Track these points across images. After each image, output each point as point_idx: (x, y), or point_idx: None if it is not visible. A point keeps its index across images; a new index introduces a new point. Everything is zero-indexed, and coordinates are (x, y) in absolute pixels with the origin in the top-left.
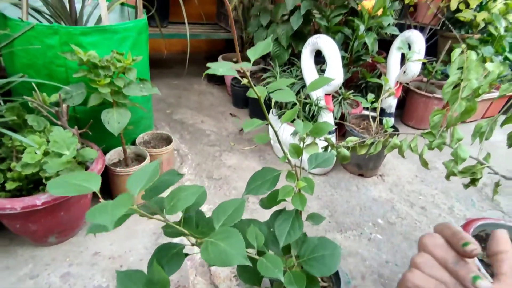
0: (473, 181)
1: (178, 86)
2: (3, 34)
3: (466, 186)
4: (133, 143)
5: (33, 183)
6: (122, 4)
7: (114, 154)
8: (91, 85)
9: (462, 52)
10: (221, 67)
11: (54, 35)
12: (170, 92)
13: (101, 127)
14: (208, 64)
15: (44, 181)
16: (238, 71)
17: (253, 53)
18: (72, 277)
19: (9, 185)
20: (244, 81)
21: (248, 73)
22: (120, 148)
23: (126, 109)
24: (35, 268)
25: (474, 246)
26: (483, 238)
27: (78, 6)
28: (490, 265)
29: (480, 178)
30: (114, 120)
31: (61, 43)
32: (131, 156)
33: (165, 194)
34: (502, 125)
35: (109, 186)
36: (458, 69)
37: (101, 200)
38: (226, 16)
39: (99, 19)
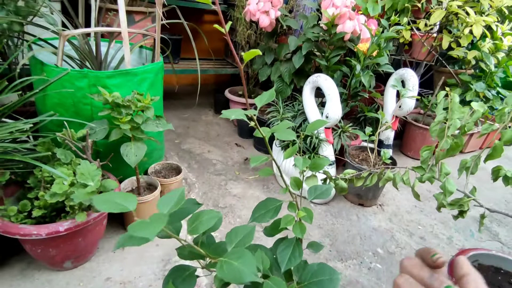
0: (461, 213)
1: (187, 117)
2: (40, 79)
3: (456, 217)
4: (145, 173)
5: (55, 211)
6: (141, 46)
7: (128, 183)
8: (114, 122)
9: (447, 95)
10: (233, 113)
11: (83, 78)
12: (179, 122)
13: (117, 159)
14: (223, 111)
15: (67, 209)
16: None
17: (260, 101)
18: None
19: (36, 213)
20: (252, 123)
21: (255, 117)
22: (133, 177)
23: (143, 143)
24: None
25: (440, 255)
26: (477, 268)
27: (103, 49)
28: None
29: (467, 210)
30: (132, 153)
31: (89, 85)
32: (143, 185)
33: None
34: (485, 161)
35: (122, 214)
36: (443, 109)
37: (136, 219)
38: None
39: (121, 60)
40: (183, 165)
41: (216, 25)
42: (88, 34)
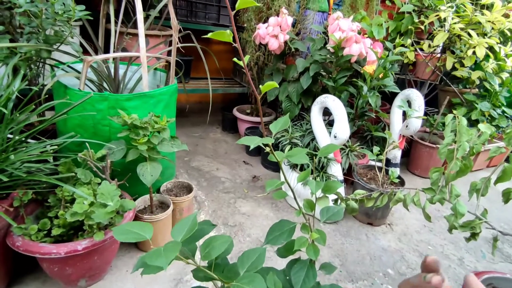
0: (474, 235)
1: (195, 135)
2: (63, 102)
3: (468, 240)
4: (158, 191)
5: (73, 229)
6: (155, 68)
7: (141, 202)
8: (131, 143)
9: (454, 117)
10: (251, 142)
11: (104, 101)
12: (188, 140)
13: (133, 177)
14: (239, 140)
15: (85, 227)
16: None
17: (274, 127)
18: None
19: (55, 231)
20: (267, 149)
21: (271, 144)
22: (146, 196)
23: (158, 163)
24: None
25: (431, 274)
26: None
27: (120, 71)
28: None
29: (480, 232)
30: (148, 173)
31: (108, 107)
32: (155, 203)
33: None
34: (495, 183)
35: None
36: (451, 131)
37: (152, 247)
38: (241, 72)
39: (137, 82)
40: (192, 182)
41: (235, 59)
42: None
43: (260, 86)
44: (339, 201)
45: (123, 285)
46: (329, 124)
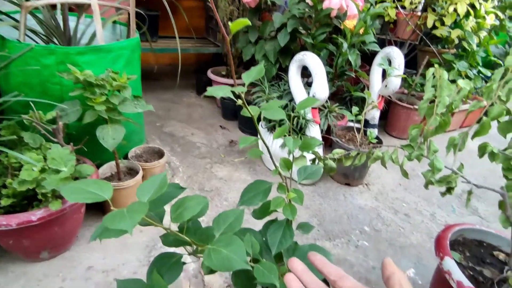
0: (449, 190)
1: (167, 99)
2: (1, 55)
3: (443, 194)
4: (125, 157)
5: (27, 199)
6: (114, 22)
7: (107, 169)
8: (87, 103)
9: (435, 71)
10: (219, 90)
11: (50, 55)
12: (160, 104)
13: (94, 142)
14: (208, 88)
15: (39, 197)
16: (233, 92)
17: (248, 77)
18: None
19: (4, 202)
20: (239, 102)
21: (243, 95)
22: (113, 162)
23: (120, 125)
24: (27, 284)
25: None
26: (461, 242)
27: (71, 24)
28: (466, 268)
29: (455, 186)
30: (109, 136)
31: (57, 62)
32: (123, 170)
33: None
34: (472, 138)
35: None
36: (432, 86)
37: (113, 208)
38: (215, 30)
39: (92, 37)
40: (165, 148)
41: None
42: (54, 7)
43: (230, 23)
44: (317, 161)
45: (91, 255)
46: (308, 85)
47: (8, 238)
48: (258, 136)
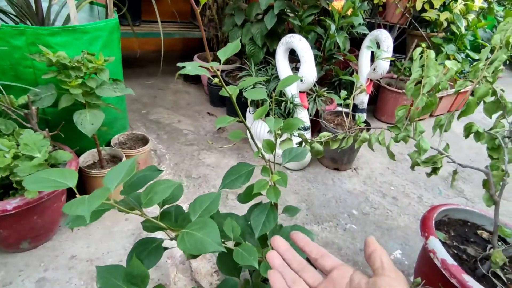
0: (435, 170)
1: (153, 86)
2: None
3: (429, 174)
4: (108, 145)
5: (3, 188)
6: (92, 3)
7: (89, 156)
8: (62, 86)
9: (423, 51)
10: (188, 65)
11: (20, 36)
12: (145, 92)
13: (73, 129)
14: (179, 64)
15: (14, 185)
16: (209, 70)
17: (223, 53)
18: (48, 282)
19: None
20: (215, 80)
21: (219, 72)
22: (95, 150)
23: (99, 110)
24: (8, 275)
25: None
26: (446, 222)
27: (44, 5)
28: (451, 246)
29: (441, 167)
30: (87, 122)
31: (28, 44)
32: (106, 157)
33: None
34: (458, 117)
35: (85, 189)
36: (419, 67)
37: (77, 196)
38: (201, 14)
39: (68, 19)
40: (151, 136)
41: None
42: None
43: (215, 5)
44: (303, 144)
45: (74, 244)
46: (297, 69)
47: None
48: (239, 117)
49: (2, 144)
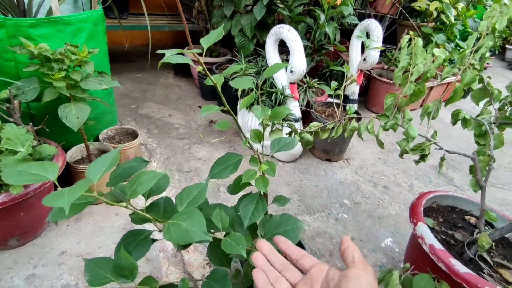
0: (423, 157)
1: (143, 80)
2: None
3: (417, 162)
4: (97, 139)
5: None
6: None
7: (76, 151)
8: (45, 80)
9: (411, 39)
10: (169, 52)
11: (0, 28)
12: (135, 86)
13: (59, 123)
14: (159, 51)
15: None
16: (195, 62)
17: (206, 41)
18: (37, 278)
19: None
20: (199, 68)
21: (202, 59)
22: (82, 145)
23: (85, 104)
24: None
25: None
26: (435, 209)
27: None
28: (439, 232)
29: (428, 153)
30: (73, 115)
31: (8, 36)
32: (94, 152)
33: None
34: (446, 104)
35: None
36: (407, 55)
37: (59, 188)
38: (190, 6)
39: (51, 11)
40: (141, 130)
41: None
42: None
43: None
44: (293, 134)
45: (64, 240)
46: (287, 61)
47: None
48: (225, 106)
49: None
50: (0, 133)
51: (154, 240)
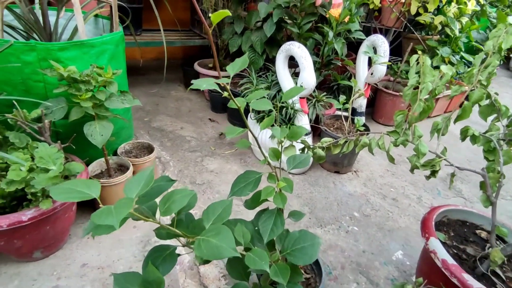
0: (433, 173)
1: (155, 93)
2: None
3: (428, 177)
4: (115, 154)
5: (16, 200)
6: (96, 15)
7: (96, 166)
8: (72, 100)
9: (419, 57)
10: (204, 83)
11: (31, 51)
12: (147, 99)
13: (82, 139)
14: (193, 81)
15: (29, 196)
16: (218, 84)
17: (232, 69)
18: None
19: None
20: (225, 94)
21: (228, 86)
22: (102, 159)
23: (108, 121)
24: (22, 284)
25: None
26: (446, 223)
27: (51, 19)
28: (451, 246)
29: (439, 170)
30: (97, 133)
31: (39, 59)
32: (113, 166)
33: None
34: (455, 122)
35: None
36: (416, 73)
37: (101, 206)
38: (201, 22)
39: (74, 32)
40: (155, 143)
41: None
42: (32, 1)
43: (210, 15)
44: (306, 150)
45: (85, 252)
46: (296, 75)
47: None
48: (247, 128)
49: (17, 157)
50: (32, 152)
51: (178, 255)
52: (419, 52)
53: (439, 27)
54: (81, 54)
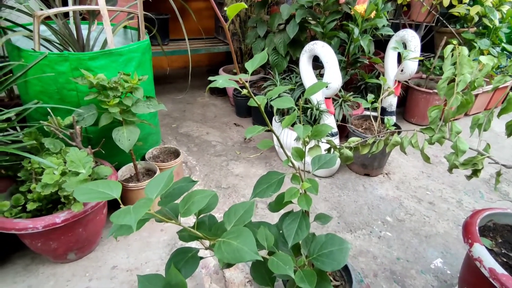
0: (475, 172)
1: (182, 100)
2: (17, 65)
3: (469, 177)
4: (143, 159)
5: (52, 203)
6: (125, 27)
7: (126, 170)
8: (101, 106)
9: (454, 48)
10: (220, 79)
11: (64, 62)
12: (175, 106)
13: (111, 144)
14: (210, 78)
15: (62, 199)
16: (238, 82)
17: (251, 65)
18: None
19: (30, 206)
20: (244, 91)
21: (247, 84)
22: (131, 164)
23: (135, 126)
24: (57, 285)
25: None
26: (492, 228)
27: (84, 32)
28: (499, 254)
29: (482, 168)
30: (125, 138)
31: (71, 68)
32: (141, 171)
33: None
34: (499, 115)
35: (123, 202)
36: (452, 65)
37: (122, 206)
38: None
39: (105, 43)
40: (182, 148)
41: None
42: (67, 16)
43: (226, 8)
44: (332, 150)
45: (115, 254)
46: (321, 76)
47: (36, 241)
48: (268, 126)
49: (51, 162)
50: (65, 156)
51: (200, 258)
52: (454, 42)
53: (476, 19)
54: (109, 63)
